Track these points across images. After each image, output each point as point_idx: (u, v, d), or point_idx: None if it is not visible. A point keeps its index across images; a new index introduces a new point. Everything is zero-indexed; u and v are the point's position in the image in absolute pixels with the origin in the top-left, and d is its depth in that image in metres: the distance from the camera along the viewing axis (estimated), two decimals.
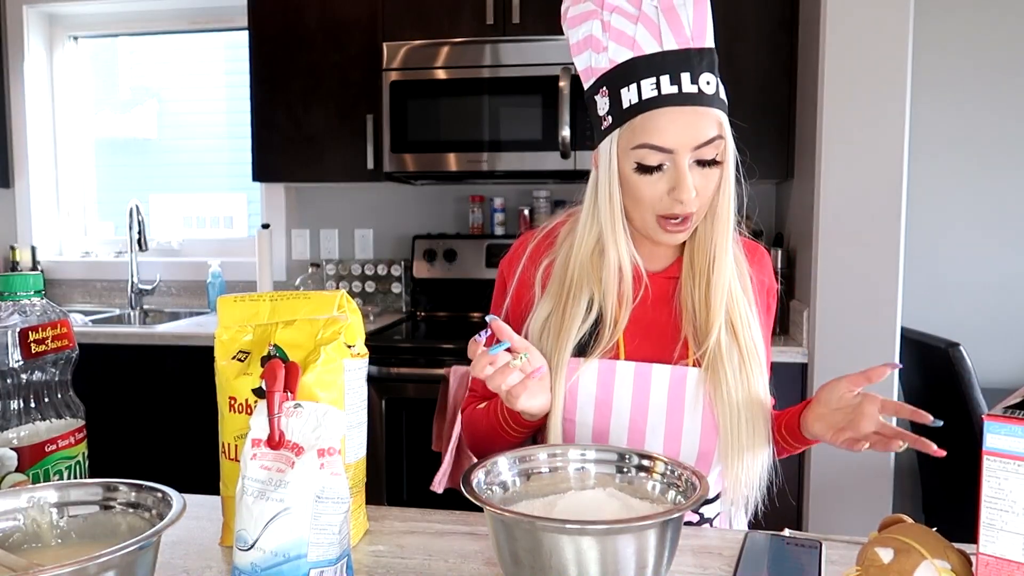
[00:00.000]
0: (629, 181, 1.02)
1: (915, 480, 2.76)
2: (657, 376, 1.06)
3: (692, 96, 0.97)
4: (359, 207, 3.14)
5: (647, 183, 1.00)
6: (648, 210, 1.02)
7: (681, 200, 0.99)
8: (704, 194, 1.01)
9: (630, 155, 1.00)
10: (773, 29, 2.45)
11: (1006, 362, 2.76)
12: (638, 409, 1.07)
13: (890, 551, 0.68)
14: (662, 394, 1.06)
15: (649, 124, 0.97)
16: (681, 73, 0.97)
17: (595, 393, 1.07)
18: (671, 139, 0.97)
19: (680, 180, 0.98)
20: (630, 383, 1.06)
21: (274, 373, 0.73)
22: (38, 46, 3.34)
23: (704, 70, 0.99)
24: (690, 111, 0.97)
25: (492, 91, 2.53)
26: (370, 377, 2.37)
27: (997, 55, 2.71)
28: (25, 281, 0.90)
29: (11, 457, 0.85)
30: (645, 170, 0.99)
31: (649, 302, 1.11)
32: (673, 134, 0.97)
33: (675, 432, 1.07)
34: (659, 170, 0.99)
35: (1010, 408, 0.65)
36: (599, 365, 1.07)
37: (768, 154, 2.47)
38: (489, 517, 0.75)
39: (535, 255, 1.14)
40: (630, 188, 1.02)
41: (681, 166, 0.98)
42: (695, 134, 0.98)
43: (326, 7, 2.70)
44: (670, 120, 0.97)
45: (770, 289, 1.17)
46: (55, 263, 3.36)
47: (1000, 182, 2.75)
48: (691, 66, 0.98)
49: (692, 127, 0.97)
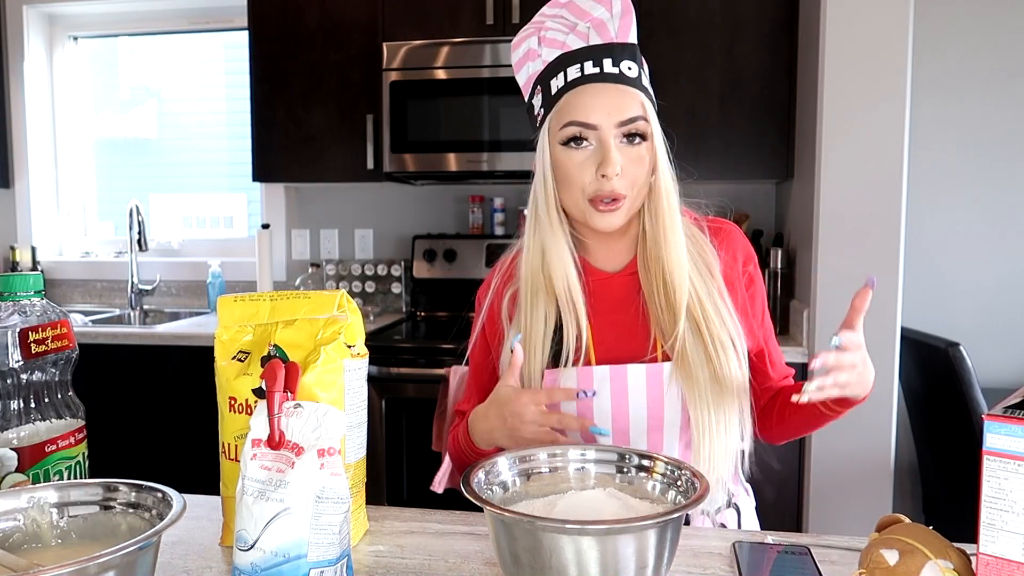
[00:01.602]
0: (560, 164, 1.04)
1: (915, 480, 2.76)
2: (633, 376, 1.06)
3: (613, 75, 1.02)
4: (359, 207, 3.14)
5: (575, 163, 1.03)
6: (579, 192, 1.04)
7: (606, 173, 1.00)
8: (633, 175, 1.03)
9: (558, 136, 1.03)
10: (773, 29, 2.45)
11: (1006, 362, 2.76)
12: (619, 410, 1.07)
13: (895, 552, 0.68)
14: (641, 392, 1.06)
15: (574, 101, 1.02)
16: (604, 59, 1.03)
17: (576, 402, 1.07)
18: (595, 115, 1.01)
19: (605, 155, 1.01)
20: (608, 386, 1.07)
21: (274, 373, 0.73)
22: (38, 46, 3.34)
23: (626, 58, 1.03)
24: (612, 88, 1.02)
25: (492, 91, 2.53)
26: (370, 377, 2.37)
27: (997, 55, 2.71)
28: (25, 281, 0.90)
29: (11, 457, 0.85)
30: (573, 145, 1.02)
31: (613, 303, 1.11)
32: (596, 109, 1.01)
33: (657, 426, 1.07)
34: (586, 146, 1.02)
35: (1010, 408, 0.65)
36: (576, 373, 1.07)
37: (768, 154, 2.47)
38: (489, 517, 0.75)
39: (500, 288, 1.17)
40: (561, 171, 1.04)
41: (607, 142, 1.01)
42: (618, 110, 1.01)
43: (326, 7, 2.70)
44: (593, 96, 1.02)
45: (746, 261, 1.15)
46: (55, 263, 3.36)
47: (1000, 182, 2.75)
48: (613, 54, 1.03)
49: (614, 104, 1.01)
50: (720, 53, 2.45)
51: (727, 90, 2.47)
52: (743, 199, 2.83)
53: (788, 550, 0.88)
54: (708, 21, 2.46)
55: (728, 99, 2.47)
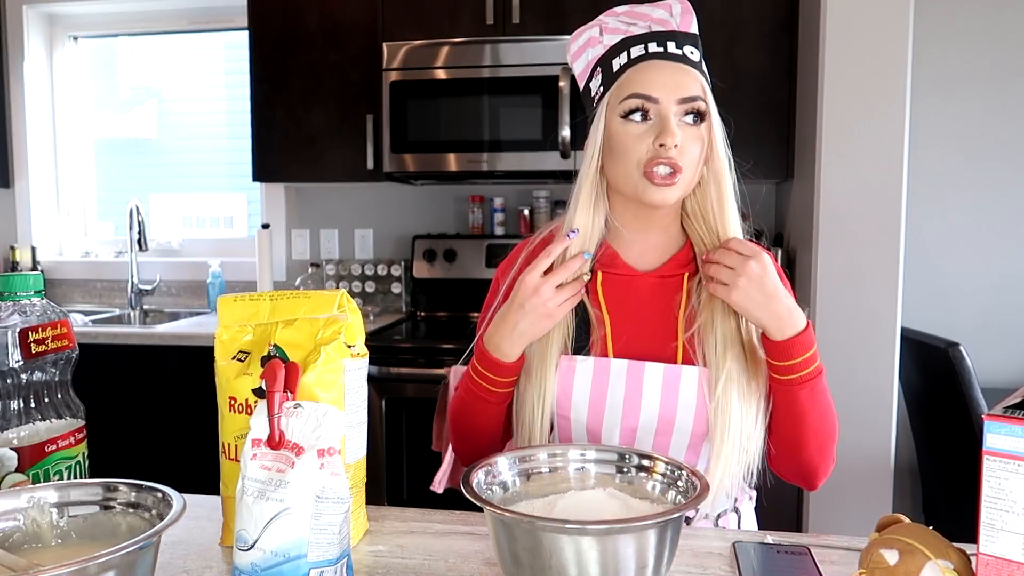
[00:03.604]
0: (616, 137, 1.04)
1: (915, 480, 2.76)
2: (650, 374, 1.06)
3: (677, 56, 1.04)
4: (359, 207, 3.14)
5: (633, 135, 1.03)
6: (633, 164, 1.03)
7: (665, 143, 1.00)
8: (690, 152, 1.03)
9: (617, 109, 1.04)
10: (773, 29, 2.45)
11: (1006, 362, 2.76)
12: (630, 407, 1.07)
13: (895, 552, 0.68)
14: (655, 392, 1.06)
15: (636, 75, 1.03)
16: (667, 41, 1.04)
17: (589, 391, 1.07)
18: (657, 88, 1.02)
19: (665, 125, 1.01)
20: (623, 381, 1.07)
21: (274, 373, 0.73)
22: (38, 46, 3.34)
23: (689, 43, 1.05)
24: (676, 66, 1.03)
25: (492, 91, 2.53)
26: (370, 377, 2.36)
27: (997, 55, 2.71)
28: (25, 281, 0.90)
29: (11, 457, 0.85)
30: (632, 115, 1.03)
31: (636, 303, 1.11)
32: (659, 83, 1.02)
33: (666, 430, 1.07)
34: (646, 120, 1.03)
35: (1010, 408, 0.65)
36: (594, 363, 1.07)
37: (768, 154, 2.47)
38: (489, 517, 0.75)
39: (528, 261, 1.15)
40: (618, 144, 1.04)
41: (666, 115, 1.02)
42: (680, 87, 1.02)
43: (326, 7, 2.70)
44: (656, 71, 1.03)
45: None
46: (55, 263, 3.36)
47: (1000, 182, 2.75)
48: (676, 38, 1.05)
49: (676, 80, 1.02)
50: (720, 53, 2.44)
51: (727, 90, 2.46)
52: (743, 199, 2.83)
53: (788, 550, 0.88)
54: (708, 21, 2.46)
55: (728, 99, 2.45)
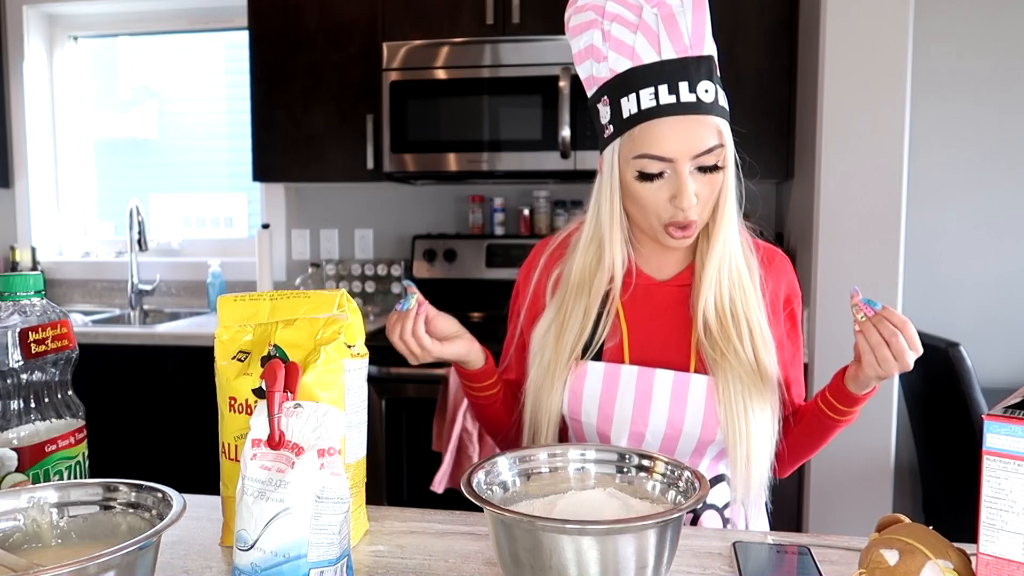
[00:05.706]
0: (632, 189, 1.04)
1: (915, 480, 2.76)
2: (660, 381, 1.07)
3: (690, 105, 0.98)
4: (359, 207, 3.14)
5: (649, 191, 1.02)
6: (653, 216, 1.04)
7: (682, 207, 1.00)
8: (706, 200, 1.03)
9: (631, 164, 1.02)
10: (773, 29, 2.45)
11: (1006, 362, 2.76)
12: (639, 412, 1.07)
13: (895, 552, 0.68)
14: (664, 399, 1.07)
15: (648, 134, 0.99)
16: (679, 82, 0.98)
17: (599, 395, 1.08)
18: (670, 148, 0.99)
19: (681, 188, 1.00)
20: (633, 387, 1.07)
21: (274, 373, 0.73)
22: (38, 46, 3.34)
23: (702, 78, 1.00)
24: (689, 120, 0.99)
25: (492, 91, 2.53)
26: (370, 377, 2.36)
27: (997, 55, 2.71)
28: (25, 281, 0.90)
29: (11, 457, 0.85)
30: (646, 178, 1.01)
31: (654, 310, 1.12)
32: (672, 143, 0.99)
33: (674, 435, 1.08)
34: (660, 178, 1.01)
35: (1010, 408, 0.65)
36: (605, 369, 1.08)
37: (768, 154, 2.47)
38: (489, 517, 0.75)
39: (549, 264, 1.17)
40: (633, 196, 1.04)
41: (682, 173, 1.00)
42: (694, 143, 0.99)
43: (326, 7, 2.70)
44: (669, 129, 0.98)
45: (790, 296, 1.15)
46: (55, 263, 3.36)
47: (1000, 182, 2.75)
48: (689, 75, 0.99)
49: (691, 136, 0.99)
50: (720, 53, 2.44)
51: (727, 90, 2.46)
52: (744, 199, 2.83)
53: (788, 550, 0.88)
54: None
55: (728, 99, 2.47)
